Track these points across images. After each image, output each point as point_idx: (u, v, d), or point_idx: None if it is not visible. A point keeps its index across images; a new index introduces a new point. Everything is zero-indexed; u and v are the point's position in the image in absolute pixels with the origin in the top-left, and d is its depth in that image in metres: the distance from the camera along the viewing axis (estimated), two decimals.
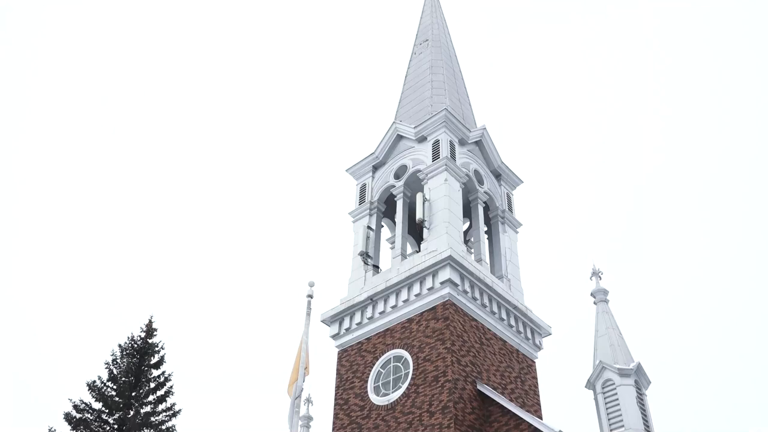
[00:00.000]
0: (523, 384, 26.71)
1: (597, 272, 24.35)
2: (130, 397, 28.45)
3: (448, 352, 23.81)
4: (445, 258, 25.35)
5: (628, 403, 20.85)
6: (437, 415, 22.80)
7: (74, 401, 28.09)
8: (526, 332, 27.98)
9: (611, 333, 22.58)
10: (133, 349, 29.88)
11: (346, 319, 27.68)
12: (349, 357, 26.90)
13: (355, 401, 25.48)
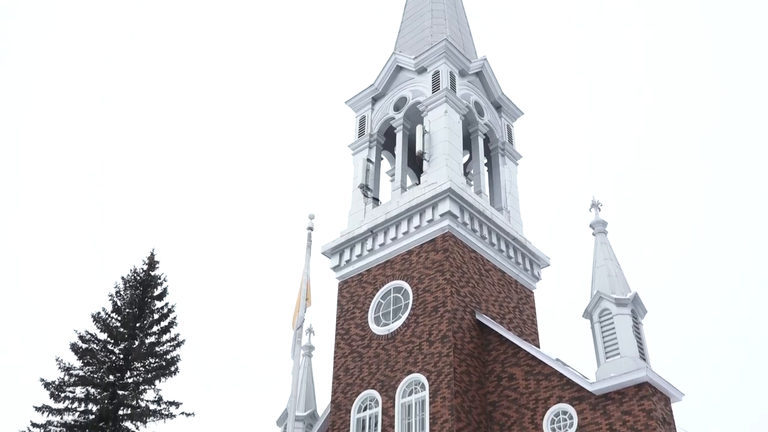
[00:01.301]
0: (521, 314, 27.14)
1: (596, 204, 24.42)
2: (135, 328, 28.94)
3: (448, 283, 24.10)
4: (444, 190, 25.40)
5: (624, 332, 21.20)
6: (437, 344, 23.24)
7: (80, 332, 28.60)
8: (524, 263, 28.26)
9: (609, 264, 22.79)
10: (136, 282, 30.23)
11: (347, 251, 27.92)
12: (350, 288, 27.25)
13: (355, 331, 25.92)
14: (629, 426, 19.65)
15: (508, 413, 22.49)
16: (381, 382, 24.08)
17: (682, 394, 20.79)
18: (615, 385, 20.22)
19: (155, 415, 27.55)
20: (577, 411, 20.91)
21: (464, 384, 22.62)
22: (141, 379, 28.00)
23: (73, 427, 26.70)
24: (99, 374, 27.71)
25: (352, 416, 24.29)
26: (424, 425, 22.41)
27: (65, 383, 27.41)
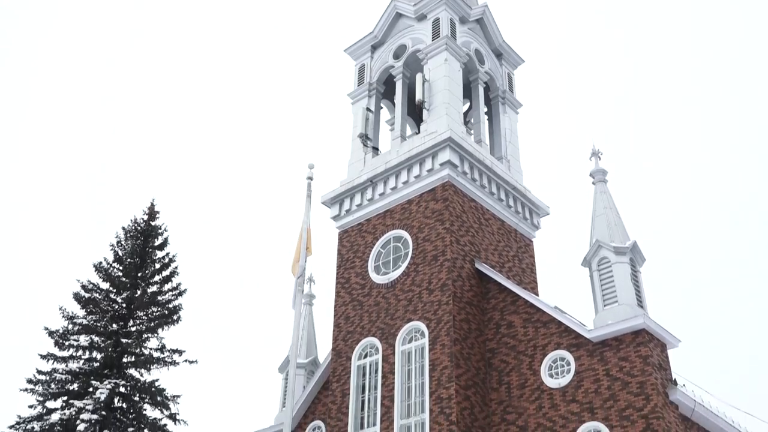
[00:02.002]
0: (520, 262, 27.31)
1: (596, 152, 24.36)
2: (137, 278, 29.15)
3: (447, 232, 24.20)
4: (444, 139, 25.30)
5: (623, 280, 21.37)
6: (436, 293, 23.46)
7: (82, 282, 28.82)
8: (524, 212, 28.33)
9: (608, 212, 22.84)
10: (136, 232, 30.31)
11: (346, 200, 27.96)
12: (350, 238, 27.37)
13: (356, 280, 26.13)
14: (626, 372, 19.96)
15: (506, 360, 22.82)
16: (381, 330, 24.37)
17: (678, 340, 21.07)
18: (612, 332, 20.48)
19: (159, 362, 27.97)
20: (575, 357, 21.22)
21: (463, 331, 22.90)
22: (144, 328, 28.33)
23: (78, 374, 27.12)
24: (102, 323, 28.02)
25: (353, 363, 24.66)
26: (423, 372, 22.76)
27: (69, 332, 27.74)
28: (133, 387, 26.92)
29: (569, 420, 20.54)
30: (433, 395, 21.97)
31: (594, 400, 20.27)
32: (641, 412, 19.21)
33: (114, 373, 27.20)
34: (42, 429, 25.86)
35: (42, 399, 26.70)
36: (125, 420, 26.28)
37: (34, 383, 26.83)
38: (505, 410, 22.09)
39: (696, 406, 20.49)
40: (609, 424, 19.69)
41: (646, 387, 19.41)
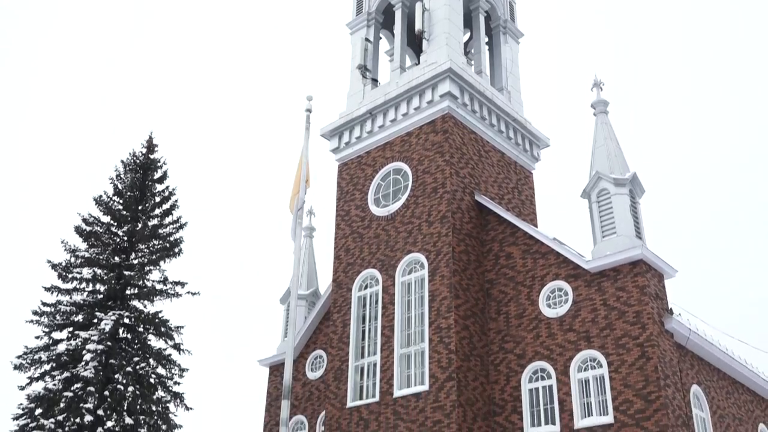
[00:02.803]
0: (519, 194, 27.35)
1: (598, 83, 24.08)
2: (137, 211, 29.20)
3: (447, 164, 24.14)
4: (444, 70, 24.98)
5: (622, 212, 21.44)
6: (436, 225, 23.57)
7: (83, 215, 28.87)
8: (524, 144, 28.20)
9: (609, 144, 22.74)
10: (135, 165, 30.21)
11: (346, 133, 27.79)
12: (349, 170, 27.32)
13: (356, 212, 26.22)
14: (622, 301, 20.23)
15: (505, 290, 23.10)
16: (381, 262, 24.58)
17: (675, 270, 21.27)
18: (610, 263, 20.67)
19: (161, 294, 28.28)
20: (573, 287, 21.47)
21: (463, 263, 23.11)
22: (146, 260, 28.53)
23: (83, 306, 27.47)
24: (104, 256, 28.21)
25: (353, 294, 24.97)
26: (423, 302, 23.07)
27: (72, 264, 27.95)
28: (137, 318, 27.30)
29: (566, 348, 20.93)
30: (432, 325, 22.33)
31: (591, 329, 20.61)
32: (637, 341, 19.57)
33: (118, 305, 27.55)
34: (49, 359, 26.36)
35: (48, 330, 27.12)
36: (130, 350, 26.75)
37: (39, 315, 27.21)
38: (503, 339, 22.49)
39: (691, 334, 20.85)
40: (605, 352, 20.08)
41: (642, 316, 19.71)
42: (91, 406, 24.75)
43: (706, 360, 22.47)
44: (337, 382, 23.88)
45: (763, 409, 25.74)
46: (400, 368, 22.65)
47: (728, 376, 23.77)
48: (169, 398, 27.15)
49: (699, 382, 21.46)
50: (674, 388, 19.52)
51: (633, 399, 19.09)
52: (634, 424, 18.84)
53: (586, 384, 20.30)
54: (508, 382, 21.81)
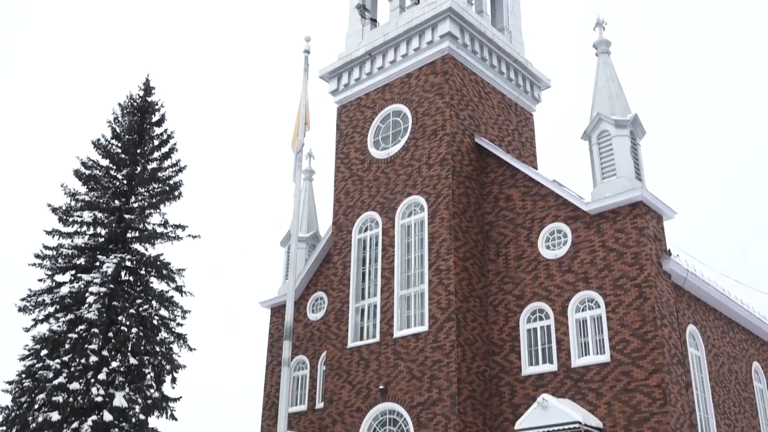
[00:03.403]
0: (520, 136, 27.23)
1: (601, 23, 23.70)
2: (136, 154, 29.05)
3: (447, 106, 23.96)
4: (444, 10, 24.56)
5: (622, 153, 21.38)
6: (435, 167, 23.52)
7: (82, 159, 28.73)
8: (525, 85, 27.94)
9: (610, 85, 22.52)
10: (133, 108, 29.94)
11: (345, 75, 27.50)
12: (349, 113, 27.13)
13: (355, 155, 26.13)
14: (621, 243, 20.35)
15: (504, 232, 23.21)
16: (381, 204, 24.63)
17: (674, 212, 21.33)
18: (610, 205, 20.71)
19: (162, 237, 28.35)
20: (572, 229, 21.57)
21: (462, 205, 23.16)
22: (146, 204, 28.51)
23: (84, 249, 27.58)
24: (104, 199, 28.18)
25: (353, 237, 25.09)
26: (423, 244, 23.20)
27: (72, 208, 27.94)
28: (139, 261, 27.43)
29: (564, 289, 21.15)
30: (432, 267, 22.50)
31: (589, 270, 20.78)
32: (634, 281, 19.76)
33: (119, 248, 27.66)
34: (52, 301, 26.63)
35: (50, 273, 27.29)
36: (133, 292, 26.98)
37: (41, 258, 27.33)
38: (502, 281, 22.69)
39: (688, 275, 21.04)
40: (603, 293, 20.29)
41: (641, 257, 19.85)
42: (96, 347, 25.11)
43: (703, 300, 22.73)
44: (338, 323, 24.20)
45: (757, 347, 26.16)
46: (400, 309, 22.93)
47: (724, 316, 24.08)
48: (172, 339, 27.52)
49: (695, 321, 21.75)
50: (670, 327, 19.79)
51: (629, 338, 19.38)
52: (630, 363, 19.17)
53: (584, 324, 20.58)
54: (507, 323, 22.11)
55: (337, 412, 22.91)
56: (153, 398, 25.89)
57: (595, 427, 18.91)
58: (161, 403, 26.19)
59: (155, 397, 25.96)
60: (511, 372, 21.48)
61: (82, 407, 24.44)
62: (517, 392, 21.12)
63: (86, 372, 24.92)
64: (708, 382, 21.51)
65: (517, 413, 20.77)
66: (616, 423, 18.92)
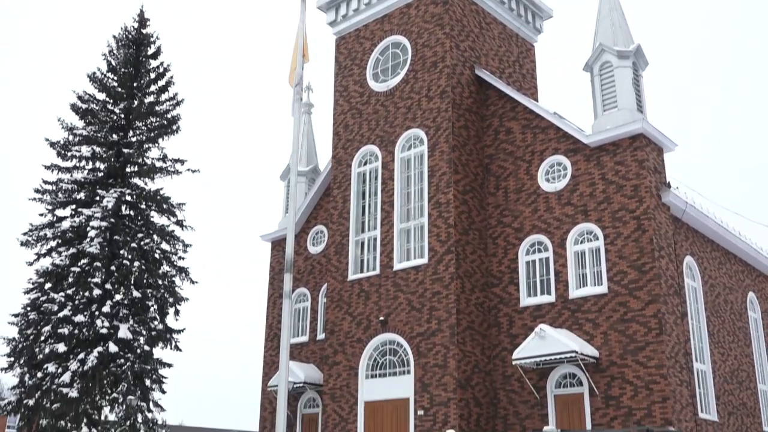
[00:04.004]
0: (521, 68, 26.89)
1: None
2: (132, 88, 28.74)
3: (447, 37, 23.58)
4: None
5: (624, 85, 21.16)
6: (435, 100, 23.31)
7: (78, 93, 28.42)
8: (526, 15, 27.43)
9: (614, 14, 22.11)
10: (128, 40, 29.46)
11: (343, 5, 26.97)
12: (347, 45, 26.72)
13: (354, 88, 25.86)
14: (621, 175, 20.34)
15: (504, 165, 23.17)
16: (380, 138, 24.51)
17: (675, 144, 21.25)
18: (610, 137, 20.62)
19: (162, 171, 28.31)
20: (572, 162, 21.53)
21: (462, 138, 23.05)
22: (144, 138, 28.37)
23: (84, 184, 27.57)
24: (102, 133, 28.03)
25: (353, 170, 25.06)
26: (422, 178, 23.20)
27: (70, 143, 27.83)
28: (139, 195, 27.46)
29: (563, 222, 21.25)
30: (431, 200, 22.56)
31: (588, 202, 20.85)
32: (633, 214, 19.84)
33: (119, 183, 27.65)
34: (54, 236, 26.78)
35: (51, 208, 27.35)
36: (134, 227, 27.10)
37: (41, 192, 27.35)
38: (501, 214, 22.79)
39: (687, 207, 21.11)
40: (601, 225, 20.41)
41: (640, 189, 19.88)
42: (99, 280, 25.39)
43: (701, 232, 22.87)
44: (338, 256, 24.40)
45: (753, 278, 26.46)
46: (400, 242, 23.09)
47: (721, 247, 24.28)
48: (174, 272, 27.80)
49: (692, 253, 21.94)
50: (668, 259, 19.97)
51: (627, 270, 19.58)
52: (627, 294, 19.43)
53: (582, 256, 20.76)
54: (506, 255, 22.30)
55: (338, 343, 23.34)
56: (157, 330, 26.35)
57: (591, 356, 19.30)
58: (165, 335, 26.66)
59: (159, 329, 26.41)
60: (510, 303, 21.78)
61: (87, 339, 24.88)
62: (515, 323, 21.46)
63: (90, 305, 25.28)
64: (703, 312, 21.84)
65: (515, 343, 21.16)
66: (612, 352, 19.30)
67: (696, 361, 20.61)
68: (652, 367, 18.56)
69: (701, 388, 20.61)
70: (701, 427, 19.70)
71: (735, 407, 22.24)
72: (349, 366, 22.82)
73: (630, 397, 18.71)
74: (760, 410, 24.04)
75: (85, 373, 24.17)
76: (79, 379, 24.13)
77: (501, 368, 21.40)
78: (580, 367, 19.51)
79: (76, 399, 23.81)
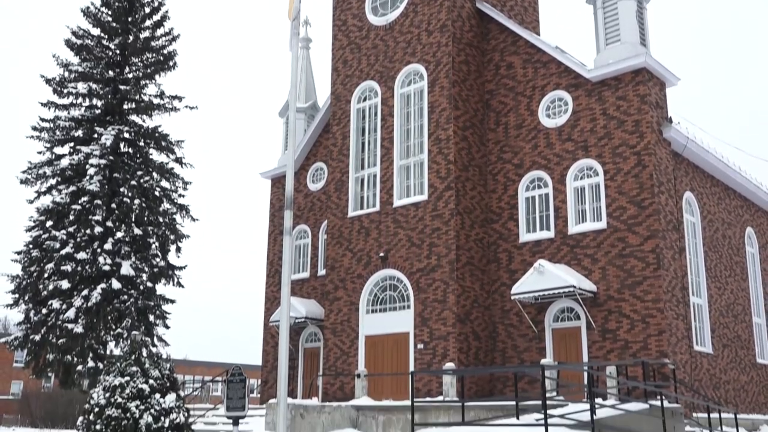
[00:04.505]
0: (522, 1, 26.38)
1: None
2: (127, 23, 28.20)
3: None
4: None
5: (627, 17, 20.79)
6: (435, 34, 22.94)
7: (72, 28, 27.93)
8: None
9: None
10: None
11: None
12: None
13: (353, 22, 25.42)
14: (622, 111, 20.19)
15: (504, 101, 22.97)
16: (380, 73, 24.23)
17: (677, 78, 21.03)
18: (612, 71, 20.38)
19: (159, 108, 28.04)
20: (573, 97, 21.33)
21: (462, 73, 22.79)
22: (140, 74, 28.01)
23: (81, 121, 27.36)
24: (98, 70, 27.65)
25: (352, 106, 24.86)
26: (422, 114, 23.03)
27: (66, 79, 27.47)
28: (137, 133, 27.28)
29: (563, 158, 21.20)
30: (431, 136, 22.44)
31: (589, 138, 20.75)
32: (634, 149, 19.77)
33: (116, 120, 27.43)
34: (53, 173, 26.72)
35: (49, 145, 27.20)
36: (133, 164, 27.00)
37: (39, 130, 27.16)
38: (501, 150, 22.70)
39: (688, 142, 21.02)
40: (602, 161, 20.36)
41: (641, 125, 19.76)
42: (100, 218, 25.46)
43: (701, 167, 22.84)
44: (338, 193, 24.43)
45: (752, 213, 26.55)
46: (400, 179, 23.08)
47: (721, 183, 24.28)
48: (175, 210, 27.85)
49: (692, 188, 21.95)
50: (668, 194, 20.00)
51: (626, 206, 19.63)
52: (626, 229, 19.53)
53: (582, 192, 20.79)
54: (506, 191, 22.32)
55: (339, 279, 23.57)
56: (159, 267, 26.57)
57: (589, 291, 19.52)
58: (167, 271, 26.91)
59: (161, 266, 26.64)
60: (509, 239, 21.91)
61: (90, 276, 25.12)
62: (515, 258, 21.63)
63: (92, 242, 25.42)
64: (701, 247, 22.00)
65: (513, 278, 21.37)
66: (610, 287, 19.52)
67: (693, 295, 20.86)
68: (649, 302, 18.80)
69: (697, 321, 20.91)
70: (696, 359, 20.08)
71: (729, 340, 22.62)
72: (349, 301, 23.11)
73: (626, 330, 19.00)
74: (753, 343, 24.46)
75: (89, 309, 24.49)
76: (83, 315, 24.46)
77: (500, 303, 21.68)
78: (578, 302, 19.76)
79: (82, 334, 24.19)
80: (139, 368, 14.16)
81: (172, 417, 13.82)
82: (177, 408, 14.05)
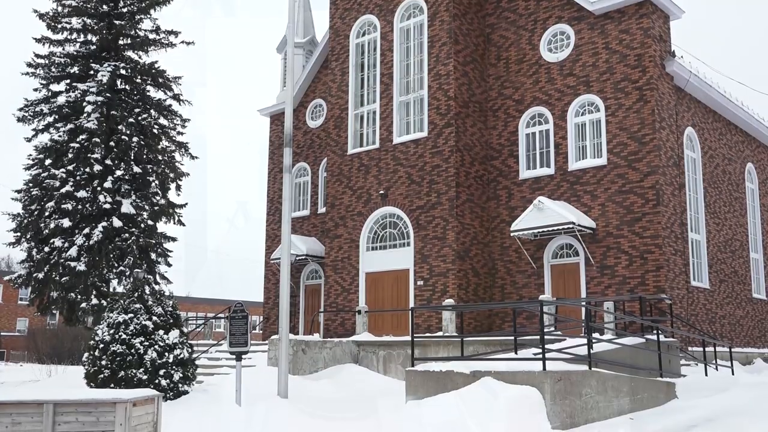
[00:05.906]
0: None
1: None
2: None
3: None
4: None
5: None
6: None
7: None
8: None
9: None
10: None
11: None
12: None
13: None
14: (625, 44, 19.87)
15: (506, 35, 22.59)
16: (379, 7, 23.76)
17: (682, 11, 20.63)
18: (616, 3, 19.98)
19: (155, 44, 27.63)
20: (575, 31, 20.97)
21: (463, 6, 22.35)
22: (135, 9, 27.51)
23: (77, 57, 26.99)
24: (92, 4, 27.15)
25: (351, 41, 24.46)
26: (422, 49, 22.68)
27: (59, 14, 26.98)
28: (134, 69, 26.94)
29: (564, 93, 20.97)
30: (431, 72, 22.16)
31: (591, 73, 20.48)
32: (636, 84, 19.54)
33: (112, 56, 27.05)
34: (51, 111, 26.50)
35: (45, 82, 26.90)
36: (130, 101, 26.76)
37: (34, 67, 26.82)
38: (502, 85, 22.44)
39: (691, 77, 20.76)
40: (603, 97, 20.15)
41: (644, 59, 19.48)
42: (99, 156, 25.38)
43: (704, 102, 22.62)
44: (338, 130, 24.27)
45: (753, 149, 26.44)
46: (400, 115, 22.90)
47: (723, 118, 24.09)
48: (173, 148, 27.73)
49: (694, 124, 21.79)
50: (669, 130, 19.87)
51: (627, 141, 19.53)
52: (626, 166, 19.47)
53: (583, 128, 20.65)
54: (506, 128, 22.16)
55: (339, 216, 23.63)
56: (159, 205, 26.62)
57: (588, 227, 19.60)
58: (168, 209, 26.97)
59: (161, 204, 26.68)
60: (509, 176, 21.87)
61: (91, 214, 25.19)
62: (514, 195, 21.64)
63: (92, 180, 25.40)
64: (701, 183, 21.98)
65: (513, 215, 21.42)
66: (609, 223, 19.58)
67: (691, 231, 20.95)
68: (647, 237, 18.88)
69: (695, 257, 21.06)
70: (693, 294, 20.30)
71: (726, 275, 22.82)
72: (350, 239, 23.23)
73: (625, 266, 19.15)
74: (750, 278, 24.69)
75: (91, 247, 24.64)
76: (85, 253, 24.63)
77: (499, 240, 21.78)
78: (577, 238, 19.85)
79: (84, 272, 24.41)
80: (143, 305, 14.33)
81: (176, 353, 14.06)
82: (180, 344, 14.29)
